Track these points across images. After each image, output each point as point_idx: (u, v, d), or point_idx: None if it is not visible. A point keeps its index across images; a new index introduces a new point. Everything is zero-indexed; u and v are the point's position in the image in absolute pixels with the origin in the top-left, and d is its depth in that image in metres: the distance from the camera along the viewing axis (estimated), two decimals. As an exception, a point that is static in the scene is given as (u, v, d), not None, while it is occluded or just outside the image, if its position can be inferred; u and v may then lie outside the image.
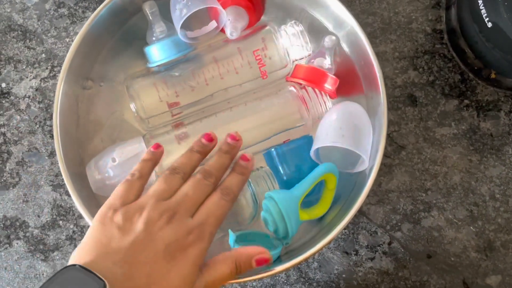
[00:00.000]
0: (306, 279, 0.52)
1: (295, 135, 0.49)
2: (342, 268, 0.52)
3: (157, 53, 0.48)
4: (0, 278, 0.54)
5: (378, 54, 0.48)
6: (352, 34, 0.48)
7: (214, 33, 0.49)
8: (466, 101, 0.54)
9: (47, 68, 0.56)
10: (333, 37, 0.48)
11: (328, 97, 0.49)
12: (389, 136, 0.54)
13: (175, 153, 0.46)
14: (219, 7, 0.47)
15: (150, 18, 0.49)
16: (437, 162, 0.53)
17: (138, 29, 0.51)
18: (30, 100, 0.55)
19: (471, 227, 0.52)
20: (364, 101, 0.49)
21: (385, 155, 0.53)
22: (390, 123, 0.53)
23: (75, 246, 0.53)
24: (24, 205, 0.54)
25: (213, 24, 0.48)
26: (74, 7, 0.56)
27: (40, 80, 0.56)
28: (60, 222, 0.54)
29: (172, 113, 0.49)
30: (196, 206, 0.39)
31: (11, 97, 0.55)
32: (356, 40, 0.48)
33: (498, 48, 0.47)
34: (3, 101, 0.55)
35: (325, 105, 0.48)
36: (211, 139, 0.43)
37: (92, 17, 0.47)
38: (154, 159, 0.43)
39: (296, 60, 0.50)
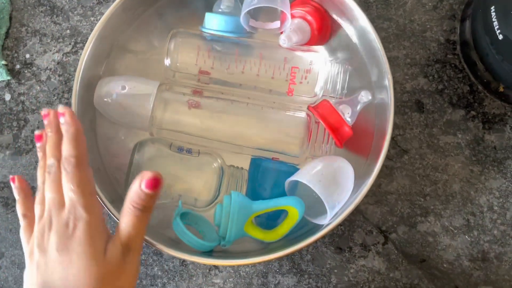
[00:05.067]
0: (298, 270, 0.53)
1: (284, 158, 0.50)
2: (334, 263, 0.53)
3: (215, 22, 0.50)
4: (4, 239, 0.56)
5: (390, 59, 0.49)
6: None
7: (273, 32, 0.51)
8: (473, 112, 0.55)
9: (70, 44, 0.58)
10: (370, 96, 0.48)
11: (334, 143, 0.49)
12: (393, 139, 0.55)
13: (181, 114, 0.49)
14: (288, 14, 0.48)
15: None
16: (439, 169, 0.54)
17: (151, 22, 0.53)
18: (51, 73, 0.58)
19: (467, 236, 0.53)
20: (362, 166, 0.50)
21: (388, 157, 0.54)
22: (395, 126, 0.54)
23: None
24: (34, 172, 0.56)
25: (276, 24, 0.51)
26: (102, -12, 0.59)
27: (63, 55, 0.58)
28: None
29: (198, 79, 0.51)
30: (61, 198, 0.39)
31: (34, 68, 0.58)
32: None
33: (507, 61, 0.48)
34: (26, 71, 0.58)
35: (326, 150, 0.49)
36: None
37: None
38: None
39: (325, 95, 0.50)
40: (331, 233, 0.53)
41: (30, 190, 0.44)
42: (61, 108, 0.42)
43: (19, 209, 0.43)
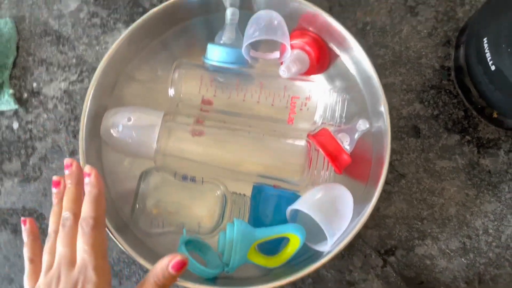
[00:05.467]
0: (300, 293, 0.55)
1: (286, 185, 0.52)
2: (335, 286, 0.55)
3: (217, 54, 0.52)
4: (14, 265, 0.57)
5: (386, 85, 0.50)
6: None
7: (273, 62, 0.53)
8: (468, 137, 0.56)
9: (76, 73, 0.60)
10: (367, 124, 0.50)
11: (333, 171, 0.51)
12: (390, 164, 0.56)
13: (185, 142, 0.51)
14: (288, 45, 0.50)
15: (227, 22, 0.52)
16: (435, 193, 0.55)
17: (155, 53, 0.55)
18: (57, 101, 0.59)
19: (463, 259, 0.54)
20: (361, 191, 0.51)
21: (386, 182, 0.55)
22: (392, 151, 0.56)
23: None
24: (42, 199, 0.58)
25: (276, 54, 0.52)
26: (107, 18, 0.61)
27: (69, 83, 0.60)
28: (74, 217, 0.57)
29: (201, 108, 0.53)
30: (73, 255, 0.40)
31: (41, 96, 0.60)
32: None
33: (500, 91, 0.50)
34: (33, 100, 0.60)
35: (326, 177, 0.51)
36: None
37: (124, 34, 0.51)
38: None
39: (324, 123, 0.52)
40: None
41: (38, 234, 0.45)
42: (87, 168, 0.44)
43: (26, 252, 0.44)
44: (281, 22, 0.52)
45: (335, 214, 0.47)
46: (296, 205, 0.48)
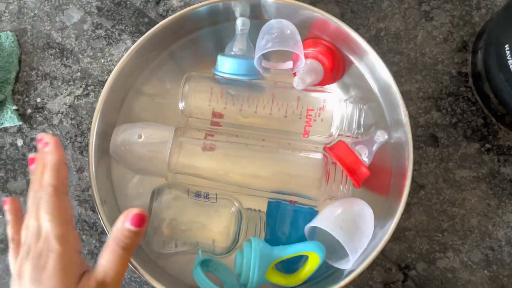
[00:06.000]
0: (319, 310, 0.53)
1: (302, 200, 0.50)
2: (354, 302, 0.53)
3: (228, 66, 0.50)
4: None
5: (402, 93, 0.49)
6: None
7: (285, 72, 0.51)
8: (488, 145, 0.55)
9: (81, 87, 0.58)
10: (386, 135, 0.48)
11: (351, 184, 0.49)
12: (409, 175, 0.54)
13: (195, 157, 0.49)
14: (301, 55, 0.48)
15: (238, 33, 0.51)
16: (455, 204, 0.54)
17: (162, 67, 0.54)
18: (62, 116, 0.57)
19: (486, 271, 0.53)
20: (382, 205, 0.49)
21: (404, 193, 0.54)
22: (410, 162, 0.54)
23: (96, 261, 0.55)
24: (49, 218, 0.56)
25: (288, 64, 0.50)
26: (111, 29, 0.59)
27: (74, 98, 0.58)
28: (83, 236, 0.55)
29: (212, 122, 0.51)
30: (39, 226, 0.39)
31: (45, 112, 0.58)
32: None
33: (523, 98, 0.48)
34: (37, 116, 0.58)
35: (344, 191, 0.49)
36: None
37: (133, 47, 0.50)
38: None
39: (341, 135, 0.50)
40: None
41: (21, 212, 0.44)
42: (46, 137, 0.43)
43: (8, 231, 0.44)
44: (293, 31, 0.50)
45: (356, 231, 0.46)
46: (316, 223, 0.46)
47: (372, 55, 0.49)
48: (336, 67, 0.52)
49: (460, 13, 0.57)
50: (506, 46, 0.47)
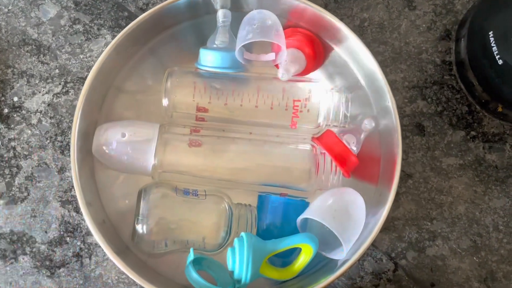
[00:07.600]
0: (311, 303, 0.53)
1: (293, 192, 0.49)
2: (346, 294, 0.53)
3: (210, 59, 0.49)
4: (4, 293, 0.53)
5: (388, 83, 0.49)
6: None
7: (268, 64, 0.50)
8: (473, 133, 0.55)
9: (60, 84, 0.56)
10: (373, 123, 0.48)
11: (341, 174, 0.48)
12: (396, 164, 0.54)
13: (182, 154, 0.48)
14: (283, 46, 0.47)
15: (219, 25, 0.49)
16: (443, 192, 0.54)
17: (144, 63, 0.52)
18: (41, 115, 0.55)
19: (474, 258, 0.53)
20: (372, 193, 0.49)
21: (392, 183, 0.54)
22: (398, 151, 0.54)
23: (82, 263, 0.54)
24: (31, 220, 0.54)
25: (271, 56, 0.49)
26: (90, 24, 0.57)
27: (53, 96, 0.56)
28: (68, 238, 0.54)
29: (197, 117, 0.50)
30: None
31: (23, 111, 0.56)
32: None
33: (508, 85, 0.49)
34: (15, 115, 0.56)
35: (334, 181, 0.48)
36: None
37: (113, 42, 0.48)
38: None
39: (329, 125, 0.49)
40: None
41: None
42: None
43: None
44: (275, 22, 0.49)
45: (349, 220, 0.45)
46: (308, 214, 0.46)
47: (353, 40, 0.48)
48: (317, 53, 0.51)
49: (443, 1, 0.57)
50: (490, 33, 0.48)
